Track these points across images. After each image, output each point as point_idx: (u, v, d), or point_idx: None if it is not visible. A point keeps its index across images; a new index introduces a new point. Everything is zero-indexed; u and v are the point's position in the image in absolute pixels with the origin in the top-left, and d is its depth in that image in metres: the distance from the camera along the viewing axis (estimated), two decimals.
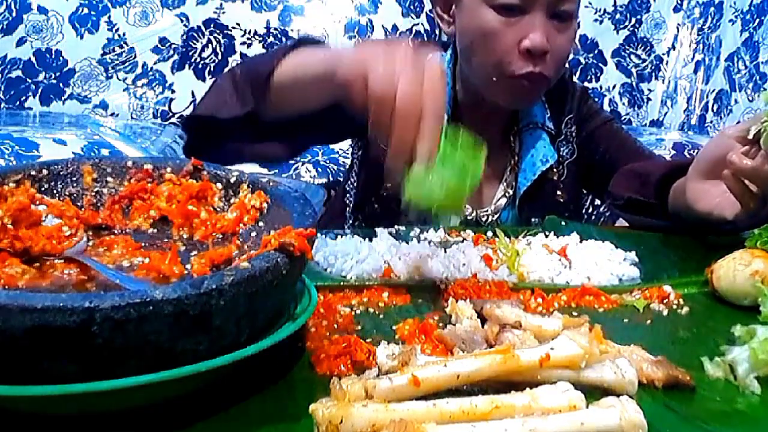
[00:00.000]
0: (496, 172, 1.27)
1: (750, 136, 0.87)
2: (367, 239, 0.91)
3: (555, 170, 1.26)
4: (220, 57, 2.03)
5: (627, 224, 1.16)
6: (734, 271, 0.78)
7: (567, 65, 2.23)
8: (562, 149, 1.28)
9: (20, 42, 1.95)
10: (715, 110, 2.20)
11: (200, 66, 2.03)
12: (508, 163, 1.27)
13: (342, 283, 0.78)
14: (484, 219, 1.24)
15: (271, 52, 0.98)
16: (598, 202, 1.84)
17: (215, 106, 0.98)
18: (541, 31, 1.07)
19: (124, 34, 1.99)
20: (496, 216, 1.25)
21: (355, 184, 1.30)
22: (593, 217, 1.89)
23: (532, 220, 1.22)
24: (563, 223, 1.05)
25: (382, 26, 2.10)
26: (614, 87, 2.28)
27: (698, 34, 2.29)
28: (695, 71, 2.28)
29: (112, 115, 2.00)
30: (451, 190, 0.68)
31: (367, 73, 0.71)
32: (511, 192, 1.25)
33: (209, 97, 1.04)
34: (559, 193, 1.26)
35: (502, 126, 1.27)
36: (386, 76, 0.70)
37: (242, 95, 0.96)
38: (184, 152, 1.06)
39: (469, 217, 1.23)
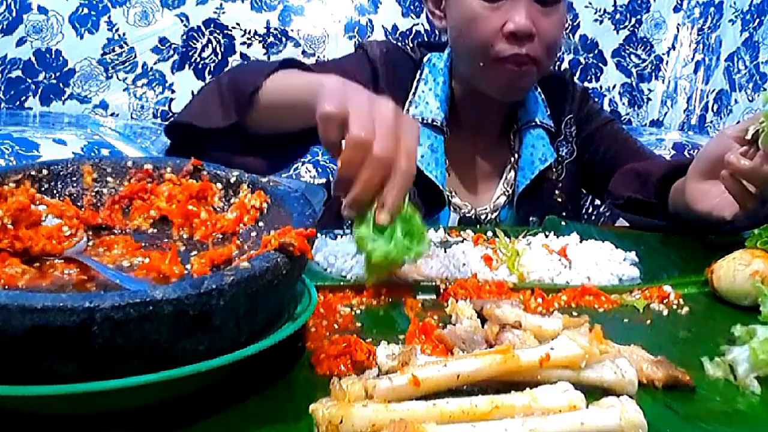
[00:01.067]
0: (496, 170, 1.27)
1: (748, 137, 0.87)
2: None
3: (554, 170, 1.27)
4: (220, 57, 2.03)
5: (627, 224, 1.16)
6: (734, 271, 0.78)
7: (567, 65, 2.23)
8: (561, 149, 1.28)
9: (20, 42, 1.95)
10: (715, 110, 2.20)
11: (200, 66, 2.02)
12: (507, 161, 1.27)
13: (342, 283, 0.78)
14: (483, 217, 1.24)
15: (258, 68, 1.00)
16: (598, 202, 1.84)
17: (198, 115, 1.00)
18: (524, 14, 1.09)
19: (124, 34, 1.99)
20: (495, 214, 1.25)
21: None
22: (593, 217, 1.89)
23: (531, 219, 1.22)
24: (563, 223, 1.05)
25: (382, 26, 2.10)
26: (614, 87, 2.27)
27: (698, 34, 2.28)
28: (695, 71, 2.28)
29: (112, 115, 2.00)
30: (388, 258, 0.70)
31: (347, 114, 0.72)
32: (510, 190, 1.25)
33: (194, 105, 1.06)
34: (557, 192, 1.26)
35: (500, 123, 1.27)
36: (368, 122, 0.71)
37: (226, 108, 0.99)
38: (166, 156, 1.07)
39: (468, 215, 1.24)
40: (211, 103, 1.01)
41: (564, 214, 1.20)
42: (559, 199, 1.26)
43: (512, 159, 1.26)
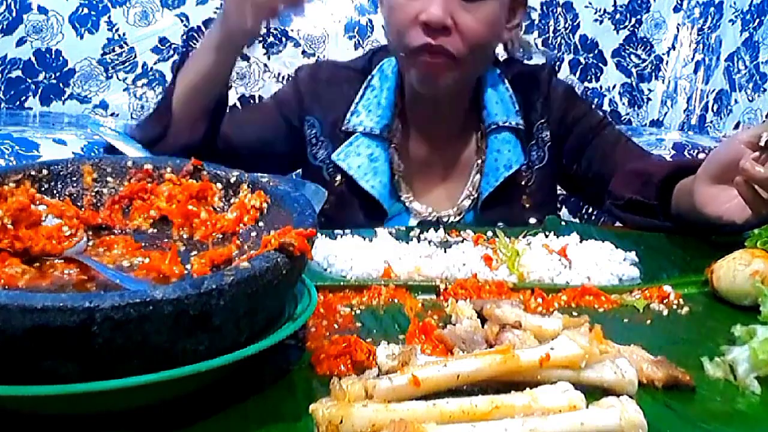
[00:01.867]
0: (461, 173, 1.25)
1: (762, 143, 0.87)
2: (367, 239, 0.91)
3: (523, 174, 1.23)
4: None
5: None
6: (734, 271, 0.78)
7: (567, 65, 2.22)
8: (532, 153, 1.24)
9: (20, 42, 1.95)
10: (715, 110, 2.20)
11: None
12: (474, 163, 1.24)
13: (342, 283, 0.78)
14: (445, 220, 1.22)
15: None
16: None
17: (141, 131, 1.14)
18: (439, 4, 1.07)
19: (124, 34, 1.99)
20: (459, 217, 1.23)
21: None
22: (593, 217, 1.89)
23: (498, 224, 1.19)
24: (563, 223, 1.05)
25: (382, 26, 2.09)
26: (614, 87, 2.27)
27: (698, 34, 2.28)
28: (695, 71, 2.28)
29: (112, 115, 2.00)
30: None
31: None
32: (475, 194, 1.23)
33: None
34: (524, 197, 1.23)
35: (457, 124, 1.24)
36: None
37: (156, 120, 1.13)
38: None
39: (429, 218, 1.21)
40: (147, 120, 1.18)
41: (534, 220, 1.17)
42: (527, 205, 1.23)
43: (479, 162, 1.23)
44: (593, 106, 1.44)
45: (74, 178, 0.69)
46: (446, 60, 1.10)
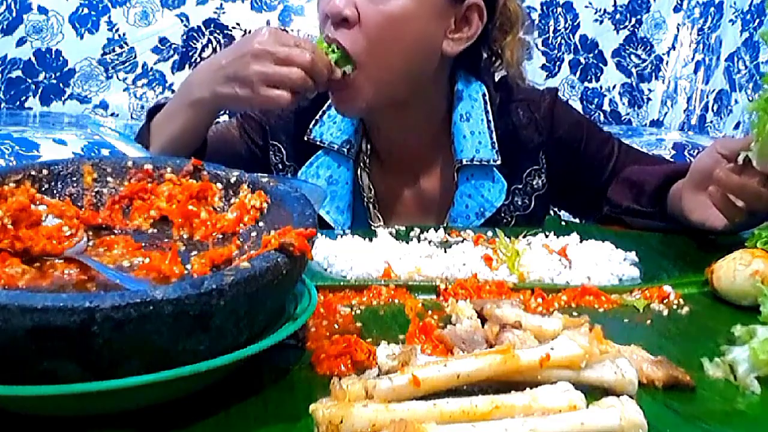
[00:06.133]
0: (435, 211, 1.16)
1: (740, 161, 0.86)
2: (367, 239, 0.91)
3: (502, 216, 1.13)
4: None
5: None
6: (734, 271, 0.78)
7: (568, 66, 2.22)
8: (516, 199, 1.14)
9: (20, 42, 1.95)
10: (715, 110, 2.20)
11: None
12: (447, 205, 1.14)
13: (342, 283, 0.78)
14: None
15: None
16: None
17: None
18: None
19: (124, 34, 1.99)
20: None
21: None
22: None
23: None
24: (563, 223, 1.05)
25: None
26: (614, 87, 2.27)
27: (698, 34, 2.28)
28: (695, 71, 2.28)
29: (112, 115, 2.00)
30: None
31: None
32: None
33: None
34: None
35: (427, 155, 1.14)
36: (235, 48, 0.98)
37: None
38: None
39: None
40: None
41: None
42: None
43: (450, 205, 1.13)
44: (596, 124, 1.29)
45: (74, 178, 0.69)
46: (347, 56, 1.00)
